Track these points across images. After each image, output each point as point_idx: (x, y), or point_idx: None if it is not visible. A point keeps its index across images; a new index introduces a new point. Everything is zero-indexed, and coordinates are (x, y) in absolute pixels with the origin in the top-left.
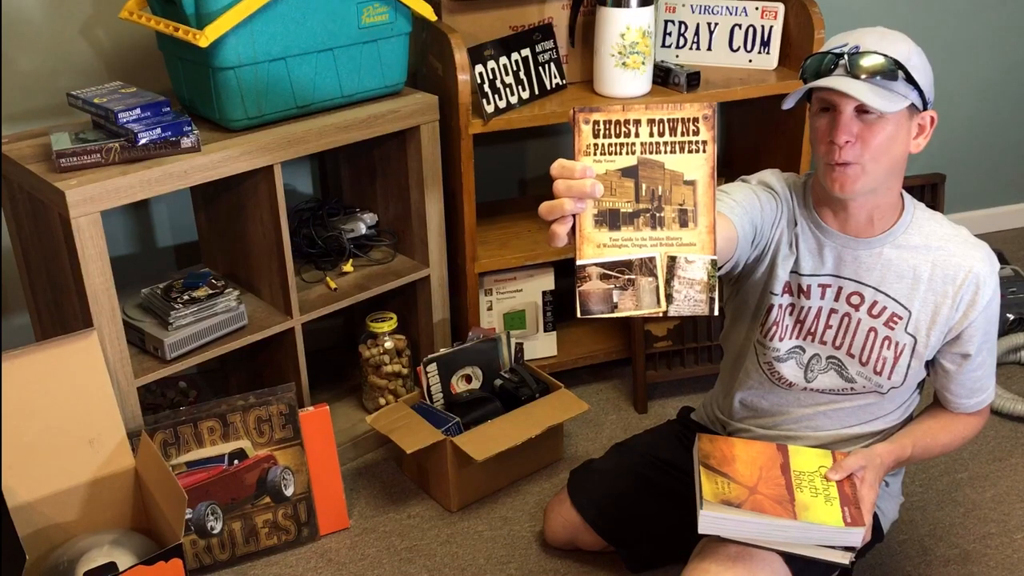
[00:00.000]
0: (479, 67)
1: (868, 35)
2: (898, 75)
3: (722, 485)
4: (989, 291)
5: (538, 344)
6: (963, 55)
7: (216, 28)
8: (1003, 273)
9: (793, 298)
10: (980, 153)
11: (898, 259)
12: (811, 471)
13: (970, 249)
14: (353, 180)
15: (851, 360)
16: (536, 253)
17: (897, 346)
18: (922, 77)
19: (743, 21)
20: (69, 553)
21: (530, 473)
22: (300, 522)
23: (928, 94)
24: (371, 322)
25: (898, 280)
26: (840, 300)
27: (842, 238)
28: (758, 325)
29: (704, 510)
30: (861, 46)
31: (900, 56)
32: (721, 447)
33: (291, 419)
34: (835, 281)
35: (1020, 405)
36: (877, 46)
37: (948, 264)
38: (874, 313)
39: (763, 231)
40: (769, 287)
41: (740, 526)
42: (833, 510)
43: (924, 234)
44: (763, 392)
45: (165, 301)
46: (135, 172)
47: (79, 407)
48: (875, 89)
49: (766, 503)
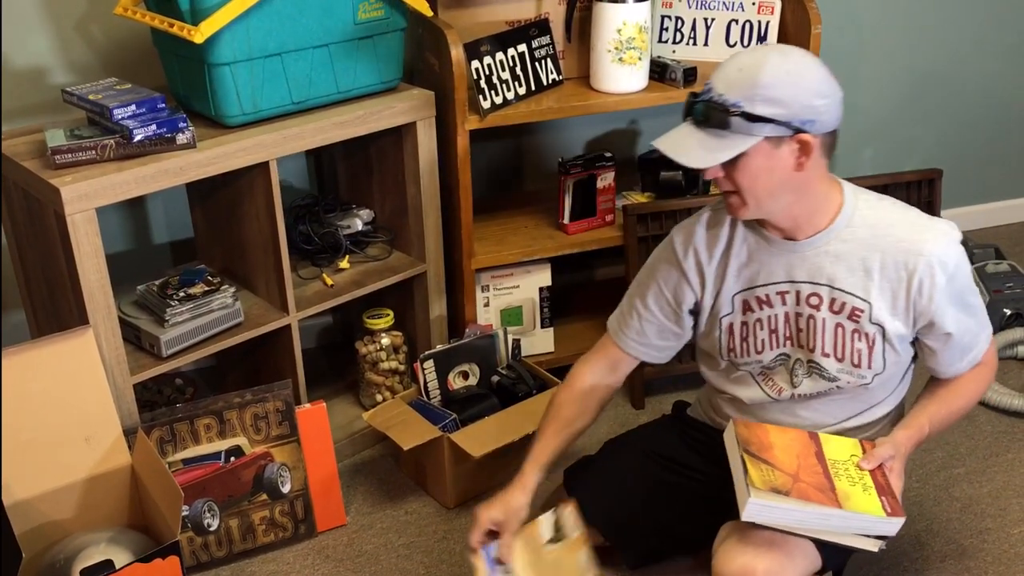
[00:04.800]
0: (475, 63)
1: (725, 70)
2: (730, 122)
3: (767, 472)
4: (949, 269)
5: (535, 340)
6: (959, 49)
7: (211, 24)
8: (1000, 268)
9: (755, 313)
10: (977, 149)
11: (847, 253)
12: (844, 459)
13: (919, 232)
14: (349, 176)
15: (827, 359)
16: (533, 249)
17: (868, 337)
18: (778, 109)
19: (740, 16)
20: (66, 550)
21: None
22: (297, 519)
23: (797, 120)
24: (368, 319)
25: (850, 274)
26: (801, 304)
27: (787, 244)
28: (725, 349)
29: (753, 498)
30: (713, 88)
31: (743, 96)
32: (758, 433)
33: (288, 416)
34: (791, 287)
35: (1017, 400)
36: (724, 88)
37: (898, 251)
38: (835, 310)
39: (679, 306)
40: (720, 314)
41: (787, 514)
42: (872, 499)
43: (870, 224)
44: (753, 409)
45: (161, 298)
46: (130, 169)
47: (75, 404)
48: (705, 141)
49: (811, 491)
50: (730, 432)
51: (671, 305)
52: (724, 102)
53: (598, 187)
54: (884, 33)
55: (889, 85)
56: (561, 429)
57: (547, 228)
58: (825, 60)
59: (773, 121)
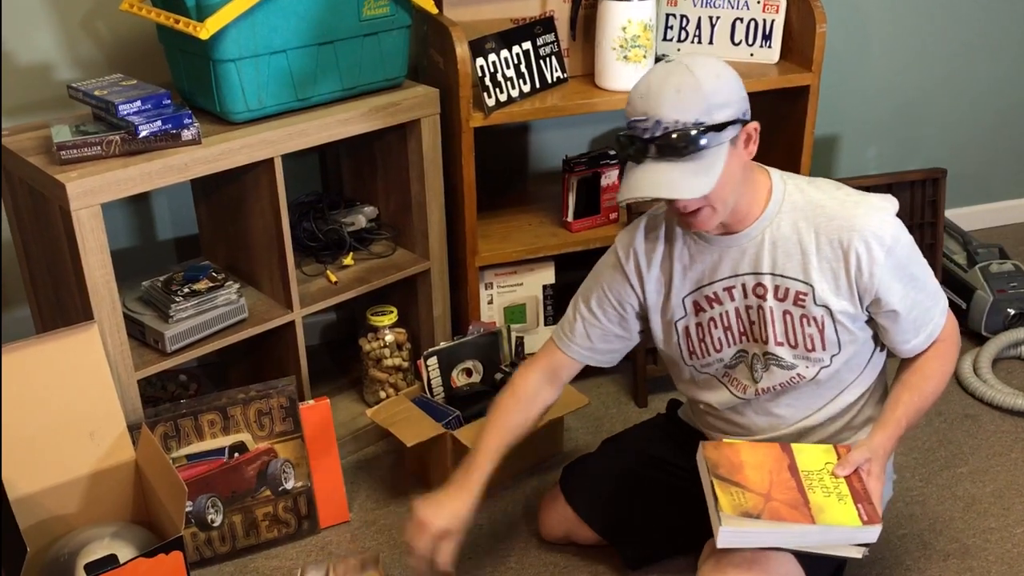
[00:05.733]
0: (480, 60)
1: (661, 98)
2: (701, 139)
3: (737, 496)
4: (885, 243)
5: (539, 338)
6: (964, 48)
7: (217, 20)
8: (1004, 268)
9: (707, 313)
10: (981, 148)
11: (782, 239)
12: (818, 469)
13: (850, 208)
14: (354, 173)
15: (781, 348)
16: (537, 247)
17: (816, 321)
18: (729, 110)
19: (745, 15)
20: (70, 545)
21: (530, 467)
22: (300, 515)
23: (741, 112)
24: (371, 315)
25: (788, 259)
26: (749, 296)
27: (725, 239)
28: (686, 353)
29: (724, 526)
30: (660, 119)
31: (700, 112)
32: (727, 454)
33: (291, 412)
34: (736, 280)
35: (1021, 400)
36: (676, 114)
37: (831, 229)
38: (780, 297)
39: (623, 309)
40: (674, 319)
41: (761, 537)
42: (848, 509)
43: (800, 207)
44: (728, 414)
45: (165, 294)
46: (136, 165)
47: (80, 400)
48: (689, 168)
49: (783, 509)
50: (700, 456)
51: (616, 308)
52: (685, 126)
53: (602, 185)
54: (889, 32)
55: (894, 84)
56: (505, 435)
57: (551, 226)
58: (829, 59)
59: (731, 123)
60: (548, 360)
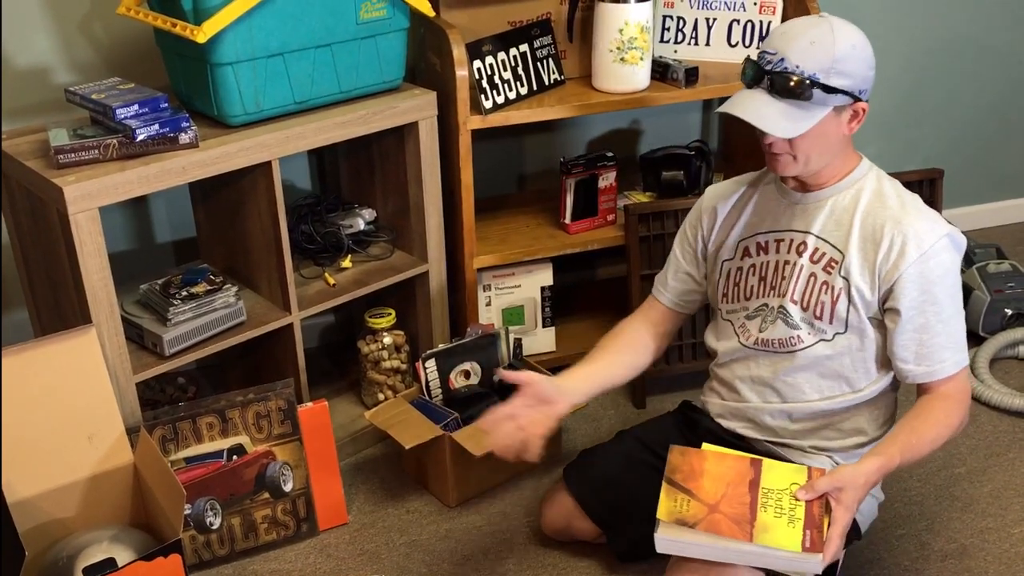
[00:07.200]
0: (477, 63)
1: (796, 42)
2: (812, 94)
3: (681, 503)
4: (923, 248)
5: (537, 339)
6: (961, 49)
7: (214, 24)
8: (1001, 268)
9: (750, 259)
10: (978, 149)
11: (840, 208)
12: (782, 488)
13: (909, 209)
14: (352, 176)
15: (794, 307)
16: (535, 249)
17: (833, 290)
18: (848, 80)
19: (741, 16)
20: (68, 549)
21: (528, 468)
22: (299, 517)
23: (858, 90)
24: (370, 318)
25: (837, 227)
26: (791, 252)
27: (797, 195)
28: (720, 295)
29: (657, 531)
30: (785, 59)
31: (821, 68)
32: (691, 460)
33: (290, 415)
34: (787, 235)
35: (1018, 399)
36: (800, 60)
37: (881, 216)
38: (815, 259)
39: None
40: (722, 258)
41: (696, 547)
42: (794, 533)
43: (867, 191)
44: (724, 370)
45: (164, 297)
46: (133, 168)
47: (78, 403)
48: (787, 111)
49: (723, 523)
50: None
51: (691, 245)
52: (802, 74)
53: (600, 187)
54: (885, 33)
55: (890, 85)
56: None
57: (549, 228)
58: None
59: (844, 92)
60: (647, 310)
